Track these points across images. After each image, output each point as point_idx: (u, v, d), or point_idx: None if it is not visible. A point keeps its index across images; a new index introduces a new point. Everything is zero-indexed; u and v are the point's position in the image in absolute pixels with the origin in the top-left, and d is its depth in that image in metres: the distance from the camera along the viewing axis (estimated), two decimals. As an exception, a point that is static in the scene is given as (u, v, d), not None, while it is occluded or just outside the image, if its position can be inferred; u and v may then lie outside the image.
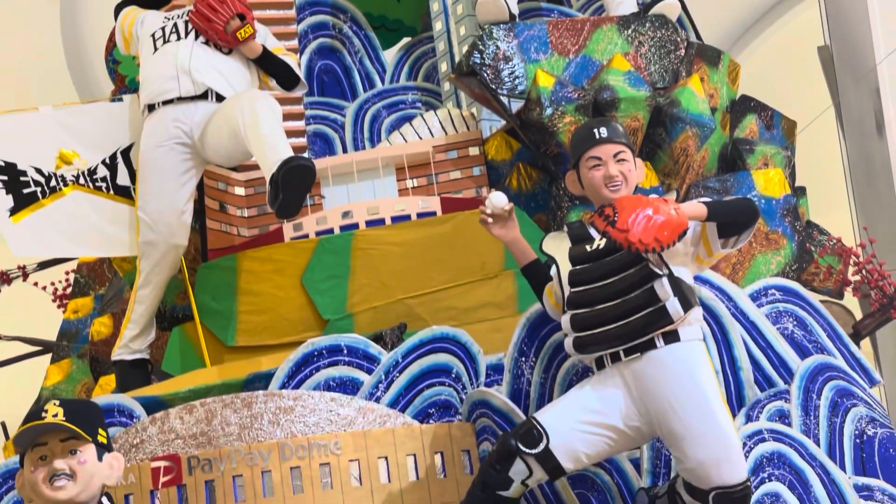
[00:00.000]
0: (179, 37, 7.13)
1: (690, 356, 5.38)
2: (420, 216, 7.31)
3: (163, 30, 7.19)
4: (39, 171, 7.17)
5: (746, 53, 11.44)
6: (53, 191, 7.19)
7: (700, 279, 5.80)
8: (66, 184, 7.21)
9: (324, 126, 8.28)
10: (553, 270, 5.68)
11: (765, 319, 6.10)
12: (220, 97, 7.01)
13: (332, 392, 6.04)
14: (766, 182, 7.15)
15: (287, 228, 7.35)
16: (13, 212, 7.13)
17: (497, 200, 5.80)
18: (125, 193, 7.23)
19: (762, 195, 7.04)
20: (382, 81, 8.59)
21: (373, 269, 7.10)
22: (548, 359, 5.99)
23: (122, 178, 7.24)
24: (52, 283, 9.00)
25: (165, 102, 7.07)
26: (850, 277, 7.42)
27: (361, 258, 7.14)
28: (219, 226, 7.56)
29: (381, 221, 7.30)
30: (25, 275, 8.91)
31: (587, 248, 5.57)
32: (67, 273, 8.83)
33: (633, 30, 7.19)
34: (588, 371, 5.61)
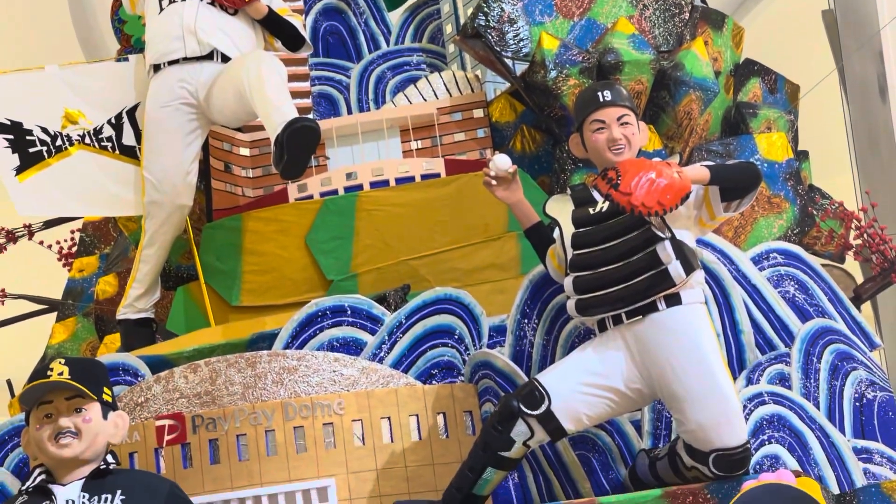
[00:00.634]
0: (185, -3, 7.13)
1: (692, 319, 5.39)
2: (424, 178, 7.31)
3: (169, -11, 7.19)
4: (45, 131, 7.16)
5: (751, 17, 11.39)
6: (59, 150, 7.19)
7: (702, 242, 5.80)
8: (72, 143, 7.20)
9: (328, 87, 8.28)
10: (556, 233, 5.69)
11: (766, 283, 6.11)
12: (226, 58, 7.00)
13: (336, 352, 6.05)
14: (769, 146, 7.14)
15: (292, 189, 7.36)
16: (19, 171, 7.13)
17: (501, 162, 5.80)
18: (130, 153, 7.22)
19: (765, 159, 7.03)
20: (387, 43, 8.58)
21: (377, 231, 7.11)
22: (550, 321, 6.00)
23: (128, 138, 7.24)
24: (58, 242, 9.01)
25: (171, 63, 7.05)
26: (852, 241, 7.42)
27: (365, 219, 7.14)
28: (224, 186, 7.56)
29: (385, 183, 7.30)
30: (31, 233, 8.91)
31: (590, 211, 5.57)
32: (73, 232, 8.82)
33: (638, -7, 7.19)
34: (590, 333, 5.61)
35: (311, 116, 7.22)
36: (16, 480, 5.92)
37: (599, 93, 5.69)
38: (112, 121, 7.25)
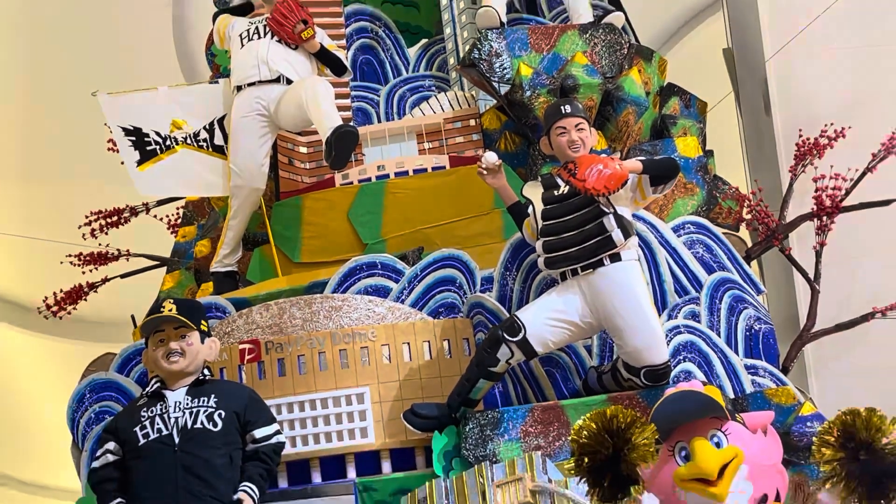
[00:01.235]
0: (260, 36, 7.08)
1: (629, 271, 5.41)
2: (434, 169, 7.28)
3: (248, 31, 7.15)
4: (158, 134, 7.15)
5: (672, 52, 11.39)
6: (168, 148, 7.17)
7: (636, 216, 5.79)
8: (178, 143, 7.18)
9: (364, 103, 8.23)
10: (530, 209, 5.68)
11: (682, 245, 6.11)
12: (289, 80, 6.97)
13: (370, 296, 6.06)
14: (685, 146, 7.12)
15: (337, 177, 7.33)
16: (139, 163, 7.12)
17: (490, 158, 5.81)
18: (220, 151, 7.19)
19: (682, 156, 7.00)
20: (406, 70, 8.52)
21: (400, 207, 7.08)
22: (526, 273, 5.99)
23: (218, 140, 7.21)
24: (167, 216, 9.00)
25: (249, 84, 7.02)
26: (744, 216, 7.40)
27: (391, 199, 7.12)
28: (288, 175, 7.54)
29: (406, 173, 7.27)
30: (148, 209, 8.88)
31: (555, 193, 5.57)
32: (178, 208, 8.80)
33: (590, 34, 7.12)
34: (554, 282, 5.61)
35: (352, 124, 7.20)
36: (138, 387, 5.94)
37: (562, 107, 5.69)
38: (207, 127, 7.22)
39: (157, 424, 4.88)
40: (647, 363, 5.33)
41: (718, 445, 4.35)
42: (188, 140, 7.20)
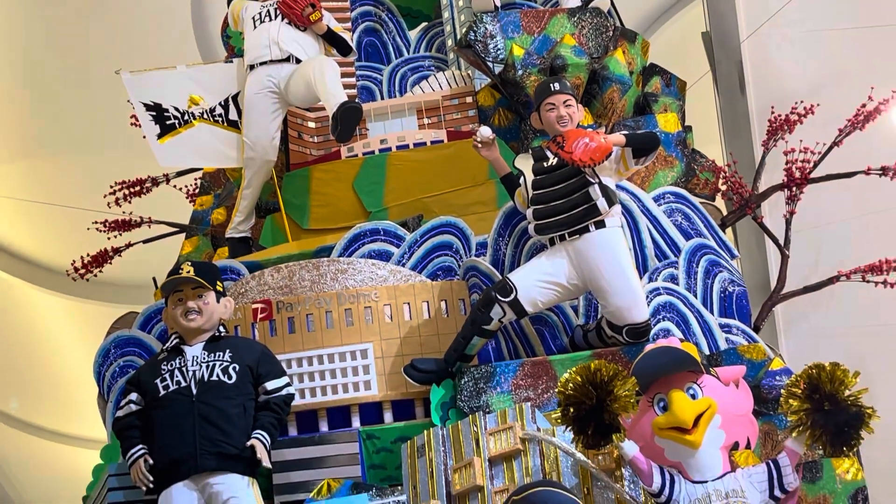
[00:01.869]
0: (271, 19, 7.04)
1: (612, 237, 5.40)
2: (433, 143, 7.26)
3: (260, 14, 7.11)
4: (176, 109, 7.12)
5: (655, 35, 11.36)
6: (186, 123, 7.14)
7: (620, 186, 5.77)
8: (195, 118, 7.16)
9: (368, 81, 8.20)
10: (521, 179, 5.67)
11: (662, 214, 6.08)
12: (298, 60, 6.93)
13: (373, 259, 6.05)
14: (665, 122, 7.09)
15: (343, 150, 7.31)
16: (159, 136, 7.08)
17: (485, 132, 5.78)
18: (234, 125, 7.17)
19: (662, 131, 6.97)
20: (408, 51, 8.49)
21: (401, 178, 7.06)
22: (517, 239, 5.98)
23: (233, 115, 7.18)
24: (186, 186, 8.98)
25: (262, 63, 6.99)
26: (720, 186, 7.39)
27: (393, 171, 7.09)
28: (297, 148, 7.52)
29: (407, 146, 7.25)
30: (168, 180, 8.86)
31: (544, 164, 5.55)
32: (196, 179, 8.79)
33: (578, 17, 7.09)
34: (544, 247, 5.60)
35: (357, 101, 7.17)
36: (158, 343, 5.94)
37: (551, 85, 5.67)
38: (222, 103, 7.19)
39: (177, 377, 4.90)
40: (629, 322, 5.34)
41: (694, 397, 4.37)
42: (205, 115, 7.18)
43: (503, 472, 4.74)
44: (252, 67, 7.05)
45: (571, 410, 4.38)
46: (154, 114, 7.12)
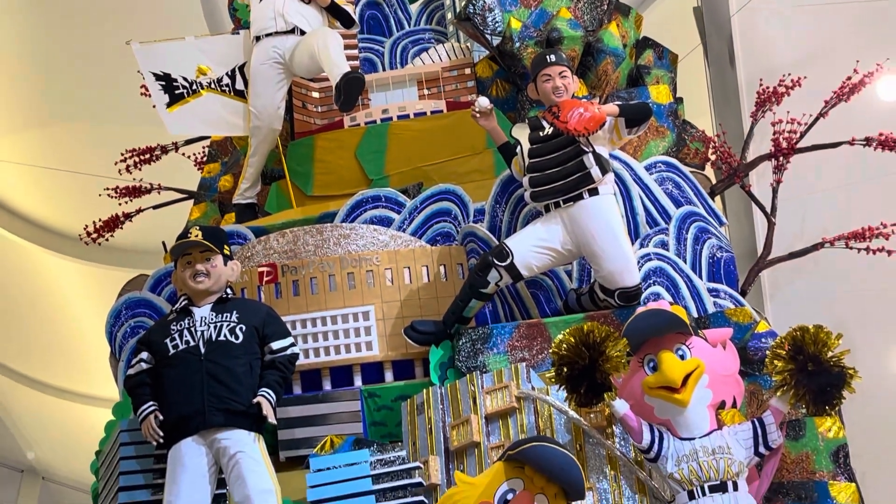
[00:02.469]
0: (277, -9, 7.04)
1: (606, 204, 5.40)
2: (433, 113, 7.24)
3: (265, -14, 7.10)
4: (185, 79, 7.10)
5: (649, 9, 11.27)
6: (194, 92, 7.13)
7: (613, 155, 5.75)
8: (203, 88, 7.14)
9: (370, 53, 8.15)
10: (518, 148, 5.65)
11: (654, 182, 6.07)
12: (303, 32, 6.91)
13: (375, 225, 6.05)
14: (657, 94, 7.07)
15: (346, 119, 7.30)
16: (168, 105, 7.08)
17: (483, 103, 5.75)
18: (241, 95, 7.15)
19: (654, 102, 6.95)
20: (409, 24, 8.43)
21: (402, 147, 7.05)
22: (513, 206, 5.97)
23: (239, 85, 7.17)
24: (194, 154, 8.96)
25: (267, 35, 6.97)
26: (710, 156, 7.38)
27: (394, 139, 7.09)
28: (302, 117, 7.50)
29: (407, 116, 7.24)
30: (177, 148, 8.85)
31: (540, 134, 5.54)
32: (204, 147, 8.77)
33: (574, -9, 7.10)
34: (539, 213, 5.60)
35: (359, 71, 7.14)
36: (168, 305, 5.95)
37: (547, 56, 5.66)
38: (229, 73, 7.17)
39: (185, 337, 4.91)
40: (621, 285, 5.34)
41: (682, 357, 4.39)
42: (212, 85, 7.16)
43: (499, 429, 4.76)
44: (258, 39, 7.03)
45: (565, 370, 4.40)
46: (163, 83, 7.10)
